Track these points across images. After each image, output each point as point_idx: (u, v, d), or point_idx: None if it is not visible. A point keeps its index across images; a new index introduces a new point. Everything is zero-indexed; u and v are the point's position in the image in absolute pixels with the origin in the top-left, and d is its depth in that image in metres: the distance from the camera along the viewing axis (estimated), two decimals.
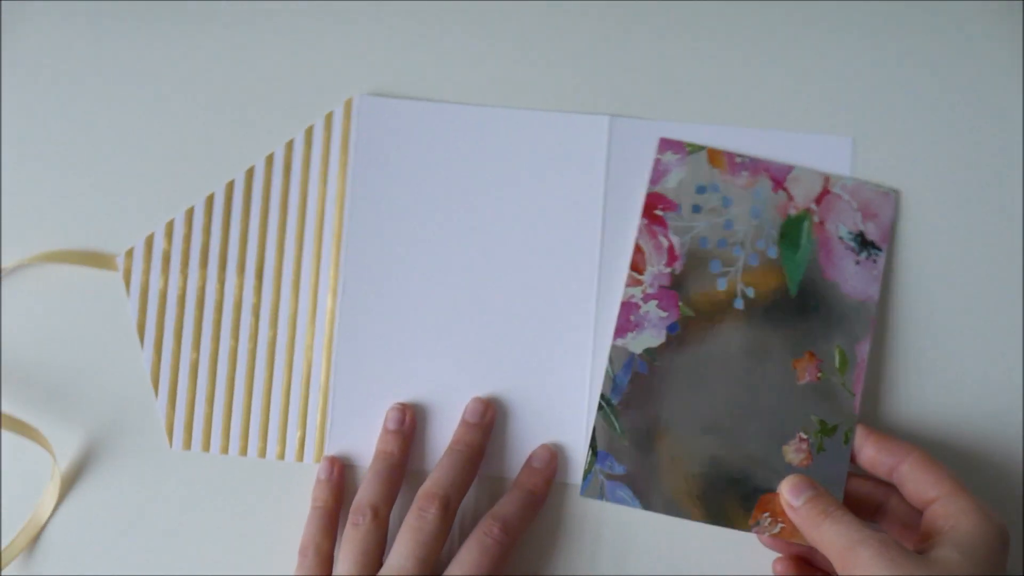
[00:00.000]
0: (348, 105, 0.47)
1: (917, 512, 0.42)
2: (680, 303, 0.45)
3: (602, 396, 0.45)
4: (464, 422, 0.45)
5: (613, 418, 0.44)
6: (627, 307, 0.45)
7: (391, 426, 0.45)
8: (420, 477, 0.45)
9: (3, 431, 0.46)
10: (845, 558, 0.39)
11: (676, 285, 0.45)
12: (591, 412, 0.46)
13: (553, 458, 0.45)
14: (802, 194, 0.46)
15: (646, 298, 0.45)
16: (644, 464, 0.44)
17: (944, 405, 0.46)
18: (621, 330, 0.45)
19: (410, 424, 0.45)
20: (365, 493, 0.43)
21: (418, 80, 0.48)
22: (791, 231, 0.46)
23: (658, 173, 0.46)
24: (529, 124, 0.47)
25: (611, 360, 0.45)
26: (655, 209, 0.46)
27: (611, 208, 0.47)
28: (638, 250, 0.45)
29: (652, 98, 0.47)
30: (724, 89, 0.47)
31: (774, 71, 0.48)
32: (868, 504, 0.44)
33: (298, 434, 0.46)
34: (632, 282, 0.45)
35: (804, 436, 0.44)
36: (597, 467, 0.44)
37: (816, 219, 0.46)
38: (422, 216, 0.47)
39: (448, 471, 0.43)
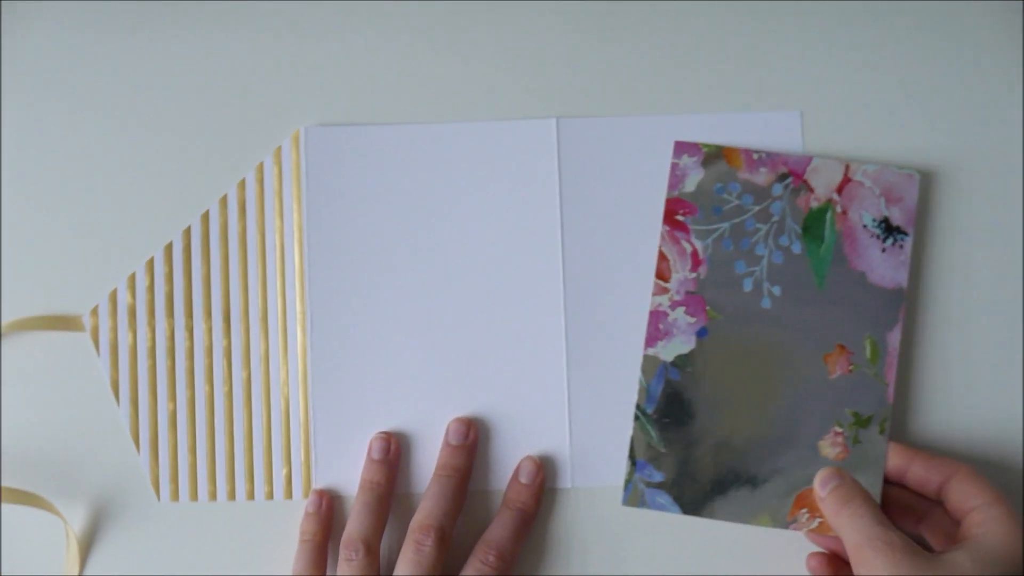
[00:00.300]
0: (295, 138, 0.47)
1: (958, 522, 0.42)
2: (707, 307, 0.45)
3: (637, 406, 0.45)
4: (448, 444, 0.45)
5: (649, 427, 0.45)
6: (655, 316, 0.45)
7: (376, 455, 0.45)
8: (407, 501, 0.45)
9: (6, 504, 0.45)
10: (855, 554, 0.40)
11: (702, 289, 0.45)
12: (572, 417, 0.46)
13: (540, 470, 0.45)
14: (823, 184, 0.45)
15: (673, 305, 0.45)
16: (682, 470, 0.44)
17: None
18: (651, 339, 0.45)
19: (395, 452, 0.45)
20: (355, 527, 0.43)
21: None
22: (814, 224, 0.45)
23: (676, 178, 0.46)
24: (478, 136, 0.47)
25: (643, 370, 0.45)
26: (676, 215, 0.46)
27: (569, 212, 0.46)
28: (662, 257, 0.45)
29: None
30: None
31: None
32: (912, 514, 0.44)
33: (284, 471, 0.46)
34: (659, 290, 0.45)
35: (839, 430, 0.44)
36: (636, 476, 0.44)
37: (839, 209, 0.45)
38: (383, 241, 0.46)
39: (439, 500, 0.43)
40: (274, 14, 0.48)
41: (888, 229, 0.45)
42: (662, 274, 0.45)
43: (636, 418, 0.45)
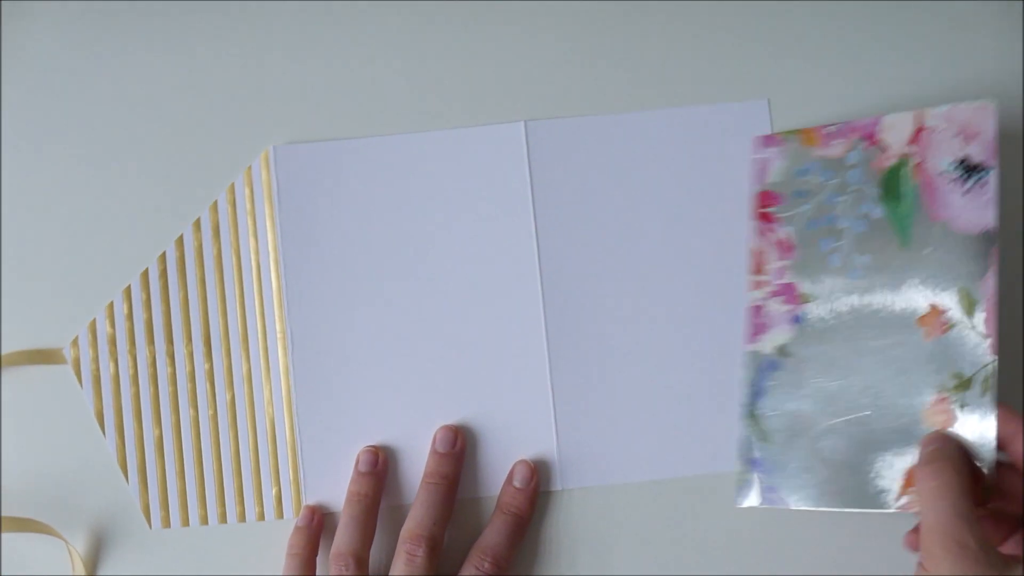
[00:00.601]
0: (265, 157, 0.47)
1: None
2: (800, 291, 0.44)
3: (744, 404, 0.45)
4: (435, 452, 0.45)
5: (757, 423, 0.44)
6: (754, 311, 0.45)
7: (363, 468, 0.45)
8: (398, 513, 0.45)
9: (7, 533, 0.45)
10: (924, 543, 0.36)
11: (794, 275, 0.45)
12: (558, 420, 0.46)
13: (534, 474, 0.45)
14: (896, 140, 0.43)
15: (769, 296, 0.45)
16: (792, 463, 0.43)
17: None
18: (753, 334, 0.45)
19: (383, 464, 0.45)
20: (343, 540, 0.43)
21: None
22: (890, 183, 0.43)
23: (759, 172, 0.46)
24: (447, 144, 0.47)
25: (746, 366, 0.45)
26: (764, 208, 0.45)
27: (543, 213, 0.46)
28: (755, 252, 0.45)
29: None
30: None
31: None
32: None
33: (274, 491, 0.46)
34: (755, 285, 0.45)
35: (943, 395, 0.41)
36: (752, 475, 0.44)
37: (915, 161, 0.43)
38: (358, 255, 0.46)
39: (428, 508, 0.43)
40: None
41: (968, 169, 0.42)
42: (757, 268, 0.45)
43: (745, 416, 0.45)
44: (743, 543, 0.46)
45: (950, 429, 0.40)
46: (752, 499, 0.44)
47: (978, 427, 0.40)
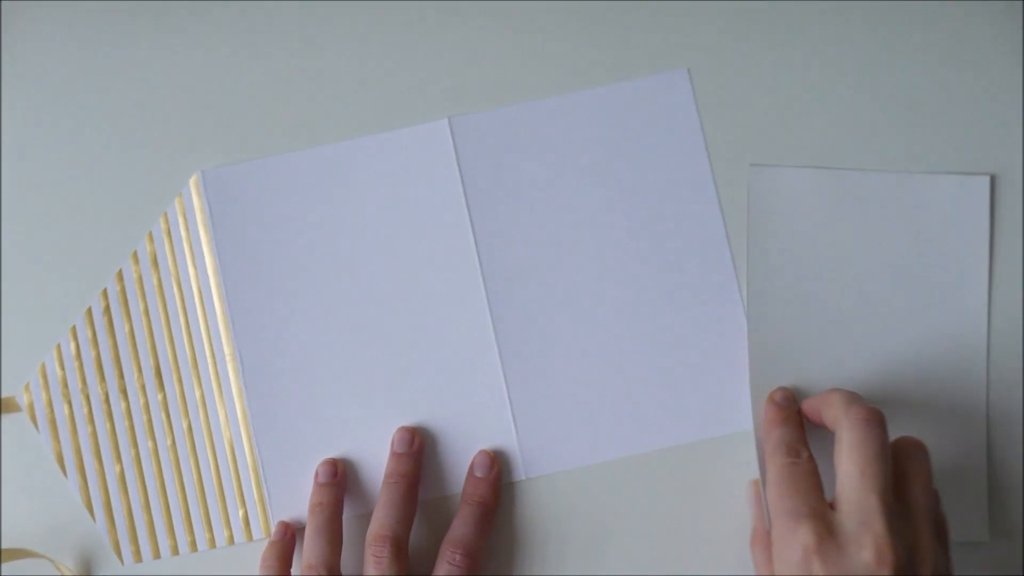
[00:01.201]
0: (195, 183, 0.47)
1: None
2: None
3: None
4: (393, 453, 0.45)
5: None
6: None
7: (323, 479, 0.45)
8: (363, 522, 0.45)
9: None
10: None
11: None
12: (515, 410, 0.46)
13: (494, 462, 0.45)
14: None
15: None
16: None
17: None
18: None
19: (342, 475, 0.45)
20: (313, 552, 0.43)
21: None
22: None
23: None
24: (373, 149, 0.47)
25: None
26: None
27: (477, 207, 0.47)
28: None
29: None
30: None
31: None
32: None
33: (240, 513, 0.46)
34: None
35: None
36: None
37: None
38: (298, 269, 0.46)
39: (389, 508, 0.43)
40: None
41: None
42: None
43: None
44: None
45: None
46: None
47: None
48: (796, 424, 0.43)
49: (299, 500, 0.46)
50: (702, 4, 0.48)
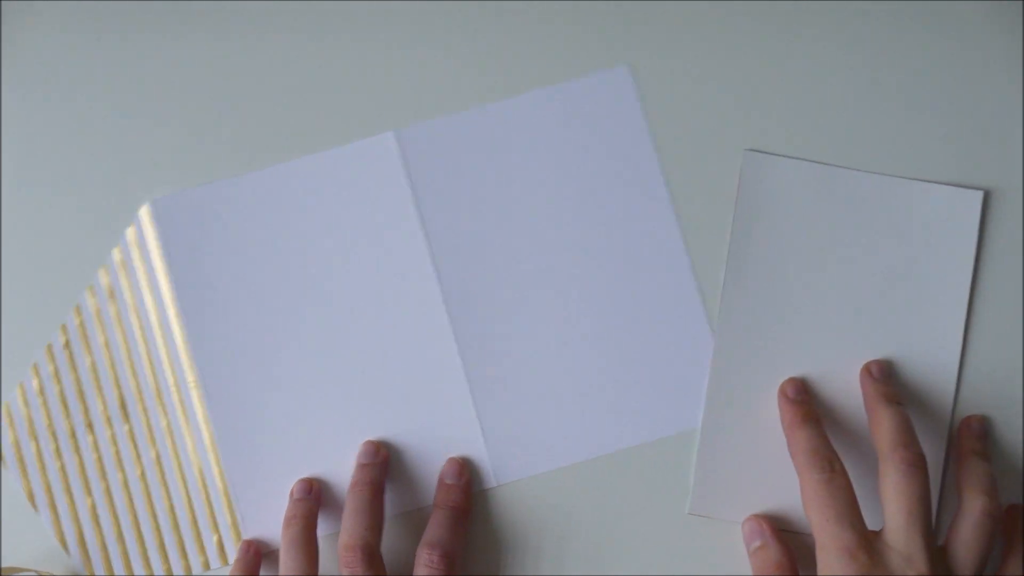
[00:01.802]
0: (147, 212, 0.47)
1: None
2: None
3: None
4: (359, 464, 0.45)
5: None
6: None
7: (298, 495, 0.45)
8: (332, 541, 0.45)
9: None
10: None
11: None
12: (481, 417, 0.46)
13: (464, 468, 0.45)
14: None
15: None
16: None
17: None
18: None
19: (316, 492, 0.45)
20: (289, 566, 0.43)
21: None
22: None
23: None
24: (322, 167, 0.47)
25: None
26: None
27: (431, 217, 0.47)
28: None
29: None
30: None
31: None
32: None
33: (214, 539, 0.46)
34: None
35: None
36: None
37: None
38: (256, 291, 0.46)
39: (357, 515, 0.43)
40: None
41: None
42: None
43: None
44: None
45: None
46: None
47: None
48: (817, 423, 0.43)
49: (272, 522, 0.46)
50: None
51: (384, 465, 0.45)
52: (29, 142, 0.48)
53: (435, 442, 0.46)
